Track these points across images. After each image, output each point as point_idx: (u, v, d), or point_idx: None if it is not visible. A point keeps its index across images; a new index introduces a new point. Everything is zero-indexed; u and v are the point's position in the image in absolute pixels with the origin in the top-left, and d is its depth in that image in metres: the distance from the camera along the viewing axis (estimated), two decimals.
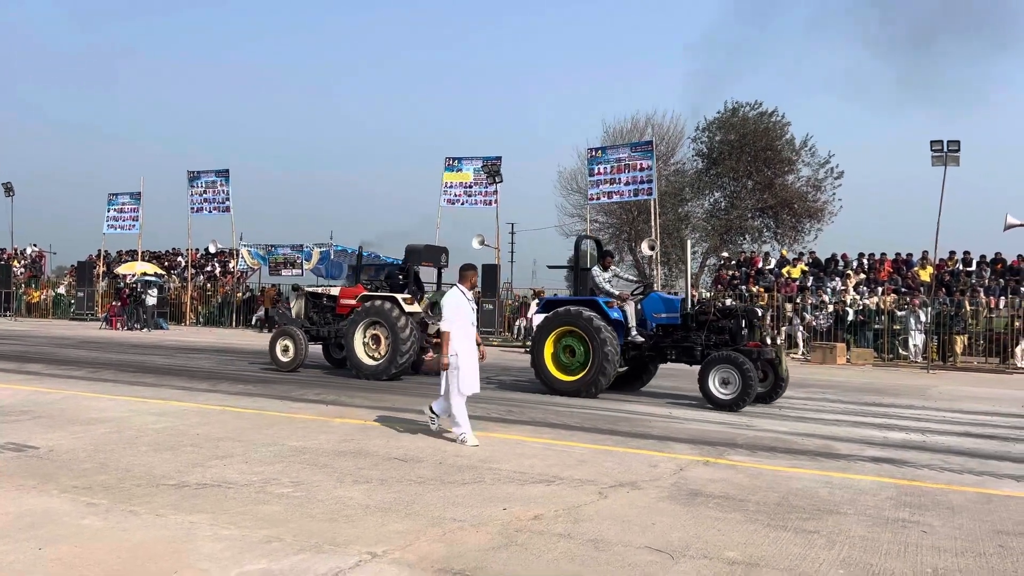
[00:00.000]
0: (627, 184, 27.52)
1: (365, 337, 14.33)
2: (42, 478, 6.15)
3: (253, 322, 34.15)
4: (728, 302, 20.34)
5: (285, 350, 15.12)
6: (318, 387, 12.77)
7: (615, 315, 12.27)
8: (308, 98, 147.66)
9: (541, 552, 4.69)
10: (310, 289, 16.73)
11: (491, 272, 28.49)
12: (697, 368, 11.70)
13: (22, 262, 44.82)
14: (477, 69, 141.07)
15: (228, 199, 35.07)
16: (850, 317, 23.79)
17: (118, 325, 30.47)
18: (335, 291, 15.98)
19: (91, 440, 7.70)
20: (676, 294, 15.41)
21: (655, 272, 29.59)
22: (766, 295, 25.10)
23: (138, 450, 7.31)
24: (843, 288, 25.56)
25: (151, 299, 31.19)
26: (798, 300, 24.68)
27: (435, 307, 14.69)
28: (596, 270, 13.11)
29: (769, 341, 11.95)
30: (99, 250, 40.75)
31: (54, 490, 5.79)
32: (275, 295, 33.23)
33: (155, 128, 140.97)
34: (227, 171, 35.35)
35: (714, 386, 11.20)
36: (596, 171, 28.26)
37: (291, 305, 16.48)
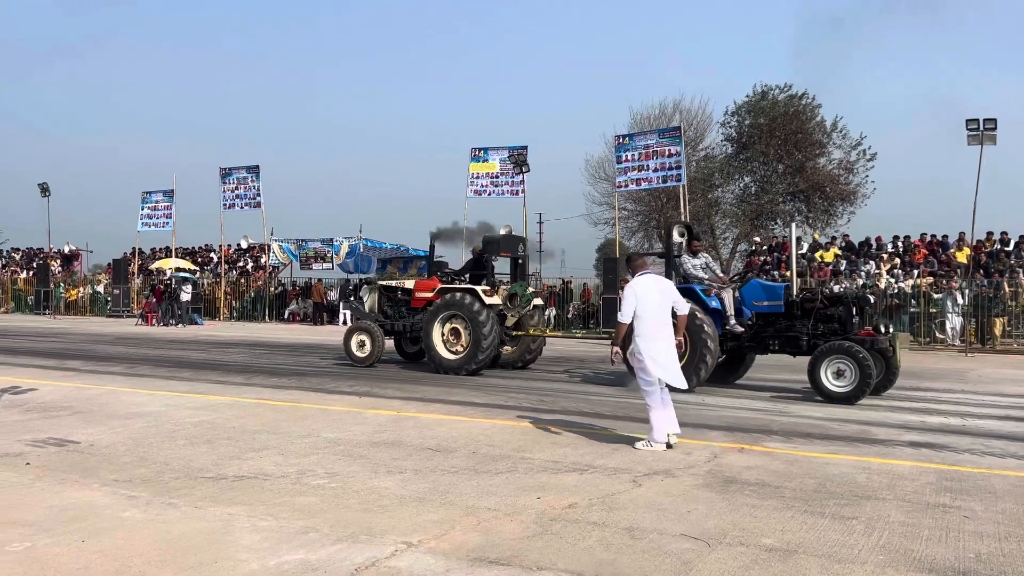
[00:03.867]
0: (656, 171, 27.33)
1: (444, 331, 13.90)
2: (83, 472, 6.26)
3: (286, 316, 34.56)
4: (835, 288, 19.71)
5: (361, 345, 14.86)
6: (350, 379, 12.86)
7: (713, 304, 11.62)
8: (331, 90, 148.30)
9: (576, 540, 4.69)
10: (383, 282, 16.34)
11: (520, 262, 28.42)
12: (798, 359, 11.14)
13: (59, 261, 45.67)
14: (501, 57, 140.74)
15: (259, 195, 35.45)
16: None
17: (153, 321, 30.95)
18: (410, 284, 15.48)
19: (130, 434, 7.83)
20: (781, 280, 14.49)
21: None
22: (798, 280, 24.82)
23: (176, 443, 7.41)
24: (877, 272, 25.20)
25: (185, 295, 31.65)
26: (832, 285, 24.37)
27: (514, 298, 14.30)
28: (685, 257, 12.34)
29: (883, 329, 11.25)
30: (133, 247, 41.40)
31: (95, 484, 5.89)
32: (323, 289, 33.64)
33: (187, 124, 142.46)
34: (257, 167, 35.72)
35: (826, 378, 10.48)
36: (624, 158, 28.11)
37: (364, 299, 16.15)
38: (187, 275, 34.22)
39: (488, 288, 13.98)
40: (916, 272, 24.46)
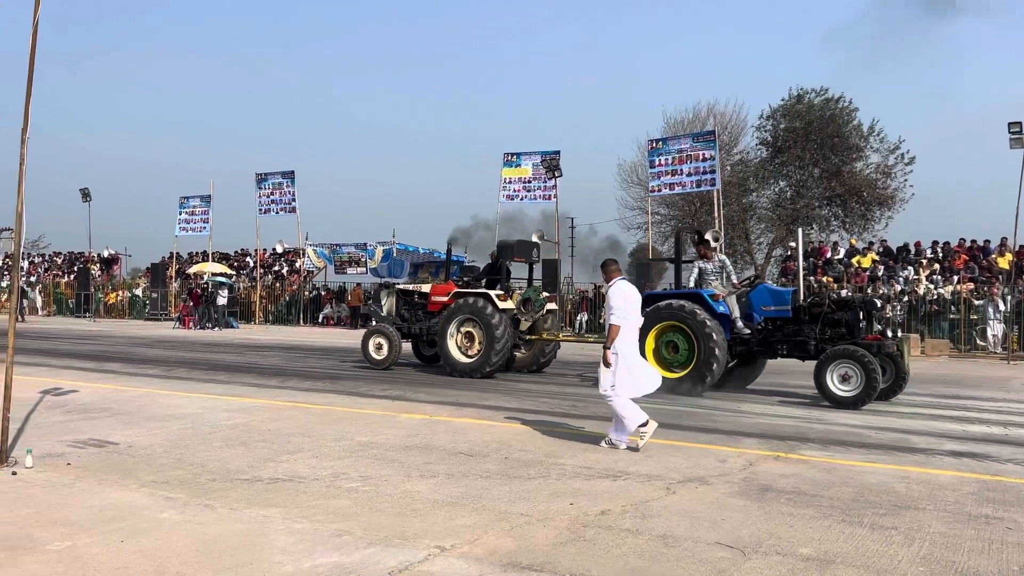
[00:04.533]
0: (689, 175, 27.15)
1: (458, 334, 14.16)
2: (122, 473, 6.35)
3: (320, 320, 34.85)
4: (843, 293, 19.67)
5: (379, 348, 15.12)
6: (384, 383, 12.92)
7: (721, 309, 11.75)
8: (365, 96, 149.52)
9: (609, 547, 4.66)
10: (401, 286, 16.62)
11: (551, 267, 28.40)
12: (808, 364, 11.19)
13: (99, 265, 46.55)
14: (533, 62, 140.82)
15: (294, 200, 35.80)
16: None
17: (190, 324, 31.37)
18: (426, 288, 15.78)
19: (168, 436, 7.94)
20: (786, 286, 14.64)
21: None
22: (835, 285, 24.51)
23: (212, 446, 7.50)
24: (916, 277, 24.80)
25: (222, 299, 32.06)
26: (868, 290, 24.03)
27: (528, 303, 14.50)
28: (700, 263, 12.56)
29: (890, 333, 11.31)
30: (171, 252, 42.04)
31: (134, 484, 5.98)
32: (362, 294, 33.92)
33: (223, 130, 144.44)
34: (292, 172, 36.07)
35: (832, 383, 10.53)
36: (657, 163, 27.96)
37: (382, 302, 16.42)
38: (223, 279, 34.64)
39: (502, 293, 14.18)
40: (956, 278, 24.03)
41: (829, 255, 28.58)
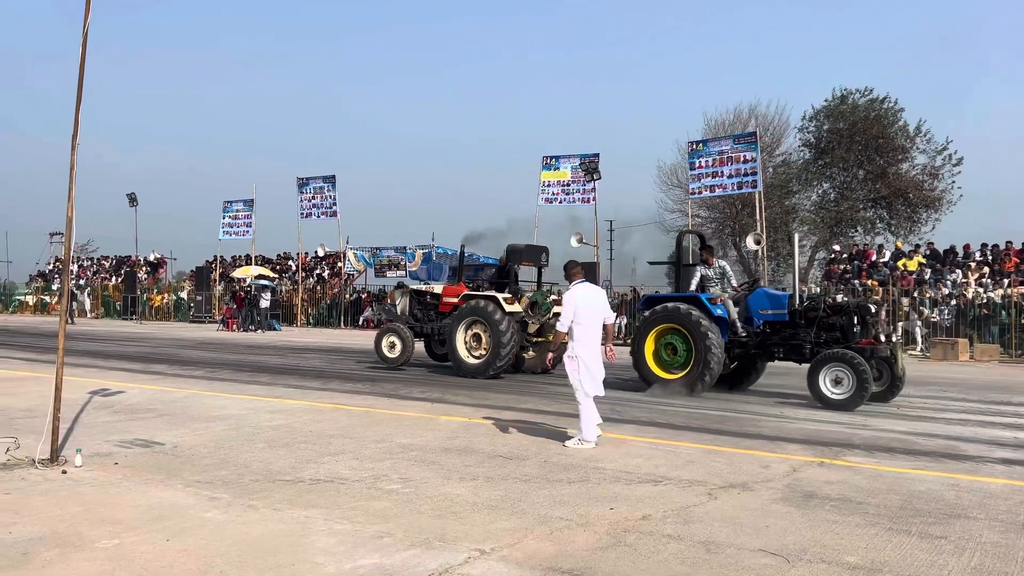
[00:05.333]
0: (730, 177, 26.87)
1: (467, 336, 14.48)
2: (168, 473, 6.46)
3: (360, 322, 35.15)
4: (839, 298, 19.59)
5: (392, 346, 15.42)
6: (422, 385, 12.99)
7: (719, 312, 11.95)
8: (408, 97, 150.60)
9: (650, 553, 4.61)
10: (414, 287, 17.00)
11: (591, 270, 28.35)
12: (807, 366, 11.26)
13: (145, 269, 47.49)
14: (573, 64, 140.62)
15: (335, 204, 36.16)
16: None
17: (234, 327, 31.83)
18: (438, 289, 16.16)
19: (212, 437, 8.05)
20: (784, 290, 14.77)
21: (761, 268, 28.80)
22: (880, 289, 24.06)
23: (255, 447, 7.60)
24: (964, 281, 24.23)
25: (265, 301, 32.49)
26: (915, 294, 23.56)
27: (535, 306, 14.75)
28: (700, 268, 12.93)
29: (884, 338, 11.36)
30: (215, 255, 42.71)
31: (179, 484, 6.08)
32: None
33: (265, 136, 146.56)
34: (333, 177, 36.45)
35: (825, 386, 10.69)
36: (697, 164, 27.72)
37: (396, 302, 16.80)
38: (266, 282, 35.11)
39: (510, 296, 14.42)
40: (1007, 281, 23.44)
41: (874, 258, 28.06)
